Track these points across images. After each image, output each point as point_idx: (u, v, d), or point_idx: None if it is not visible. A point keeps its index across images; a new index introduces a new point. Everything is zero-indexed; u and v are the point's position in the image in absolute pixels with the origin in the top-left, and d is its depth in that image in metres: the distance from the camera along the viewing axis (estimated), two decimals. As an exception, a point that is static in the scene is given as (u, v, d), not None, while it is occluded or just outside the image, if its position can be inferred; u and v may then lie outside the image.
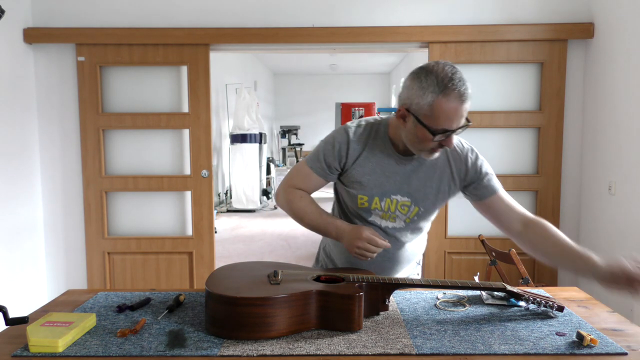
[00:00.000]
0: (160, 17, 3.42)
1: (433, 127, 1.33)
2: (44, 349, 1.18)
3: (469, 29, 3.35)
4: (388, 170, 1.49)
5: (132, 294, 1.59)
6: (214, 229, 3.59)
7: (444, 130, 1.34)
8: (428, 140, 1.36)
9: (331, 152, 1.51)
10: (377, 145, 1.50)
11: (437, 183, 1.52)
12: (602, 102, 3.22)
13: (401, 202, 1.50)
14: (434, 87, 1.31)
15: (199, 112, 3.49)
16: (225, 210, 8.25)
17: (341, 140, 1.51)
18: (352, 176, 1.51)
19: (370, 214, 1.54)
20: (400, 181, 1.50)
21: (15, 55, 3.30)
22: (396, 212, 1.52)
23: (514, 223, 1.53)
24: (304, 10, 3.42)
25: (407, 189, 1.50)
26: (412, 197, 1.51)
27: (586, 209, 3.43)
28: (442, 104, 1.31)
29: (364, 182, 1.50)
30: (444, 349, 1.19)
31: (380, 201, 1.51)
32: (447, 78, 1.31)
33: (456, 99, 1.32)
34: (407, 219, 1.54)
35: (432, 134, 1.34)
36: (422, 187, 1.51)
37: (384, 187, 1.50)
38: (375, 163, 1.49)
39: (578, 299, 1.56)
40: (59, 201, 3.56)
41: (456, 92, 1.31)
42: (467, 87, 1.34)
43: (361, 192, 1.51)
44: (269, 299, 1.25)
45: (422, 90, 1.32)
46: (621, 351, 1.18)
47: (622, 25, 3.03)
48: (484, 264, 3.40)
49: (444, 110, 1.31)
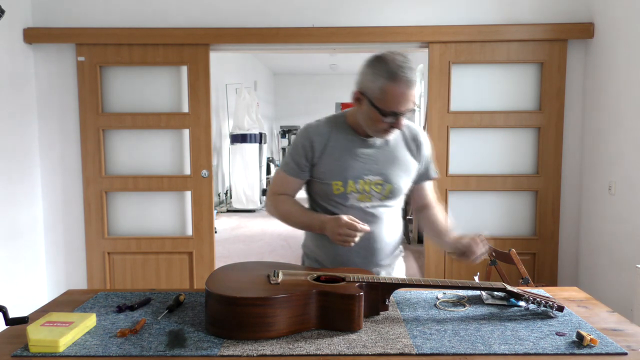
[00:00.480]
0: (160, 17, 3.42)
1: (383, 109, 1.48)
2: (44, 349, 1.19)
3: (469, 29, 3.35)
4: (355, 153, 1.60)
5: (132, 294, 1.59)
6: (214, 229, 3.59)
7: (393, 113, 1.48)
8: (379, 121, 1.50)
9: (297, 151, 1.62)
10: (340, 133, 1.62)
11: (402, 159, 1.65)
12: (602, 102, 3.22)
13: (374, 181, 1.60)
14: (385, 73, 1.45)
15: (199, 112, 3.49)
16: (225, 210, 8.25)
17: (303, 137, 1.62)
18: (323, 166, 1.60)
19: (347, 198, 1.60)
20: (369, 161, 1.60)
21: (15, 55, 3.30)
22: (371, 191, 1.60)
23: (417, 205, 1.78)
24: (304, 10, 3.42)
25: (377, 168, 1.61)
26: (383, 175, 1.61)
27: (586, 209, 3.43)
28: (391, 89, 1.45)
29: (335, 168, 1.59)
30: (444, 349, 1.19)
31: (355, 183, 1.59)
32: (397, 66, 1.45)
33: (404, 85, 1.45)
34: (382, 196, 1.62)
35: (382, 115, 1.48)
36: (390, 165, 1.62)
37: (355, 169, 1.59)
38: (342, 149, 1.60)
39: (578, 299, 1.56)
40: (59, 201, 3.56)
41: (404, 78, 1.45)
42: (414, 75, 1.48)
43: (335, 179, 1.59)
44: (269, 299, 1.25)
45: (374, 76, 1.47)
46: (621, 351, 1.18)
47: (622, 25, 3.03)
48: (484, 264, 3.39)
49: (393, 94, 1.45)
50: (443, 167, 3.49)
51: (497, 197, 3.56)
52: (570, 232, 3.53)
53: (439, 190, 3.52)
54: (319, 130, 1.62)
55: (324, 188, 1.61)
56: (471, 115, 3.47)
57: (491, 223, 3.57)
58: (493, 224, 3.57)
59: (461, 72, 3.48)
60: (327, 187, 1.60)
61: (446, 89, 3.45)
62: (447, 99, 3.45)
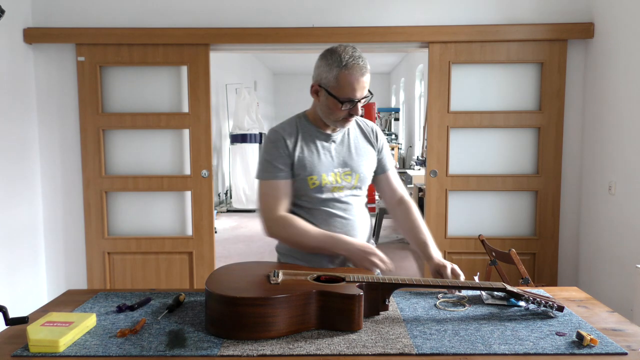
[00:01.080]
0: (160, 17, 3.42)
1: (340, 96, 1.56)
2: (44, 349, 1.19)
3: (469, 29, 3.35)
4: (322, 148, 1.68)
5: (132, 294, 1.59)
6: (214, 229, 3.59)
7: (349, 99, 1.56)
8: (337, 109, 1.58)
9: (276, 152, 1.65)
10: (306, 132, 1.69)
11: (363, 149, 1.74)
12: (602, 102, 3.22)
13: (343, 172, 1.69)
14: (338, 63, 1.55)
15: (199, 112, 3.49)
16: (225, 210, 8.25)
17: (275, 139, 1.66)
18: (297, 163, 1.65)
19: (322, 191, 1.66)
20: (336, 155, 1.69)
21: (15, 55, 3.30)
22: (342, 182, 1.68)
23: (392, 200, 1.83)
24: (304, 10, 3.42)
25: (344, 160, 1.69)
26: (350, 166, 1.70)
27: (586, 209, 3.43)
28: (345, 76, 1.54)
29: (308, 164, 1.65)
30: (444, 349, 1.19)
31: (327, 176, 1.66)
32: (348, 55, 1.55)
33: (357, 71, 1.54)
34: (352, 186, 1.70)
35: (340, 103, 1.56)
36: (354, 156, 1.71)
37: (325, 163, 1.67)
38: (311, 146, 1.67)
39: (578, 299, 1.56)
40: (59, 201, 3.56)
41: (357, 66, 1.54)
42: (365, 63, 1.57)
43: (310, 174, 1.64)
44: (269, 299, 1.25)
45: (328, 67, 1.57)
46: (621, 351, 1.18)
47: (622, 25, 3.03)
48: (484, 264, 3.40)
49: (348, 81, 1.54)
50: (443, 167, 3.49)
51: (497, 197, 3.56)
52: (570, 232, 3.53)
53: (439, 190, 3.54)
54: (287, 130, 1.68)
55: (299, 184, 1.66)
56: (471, 115, 3.47)
57: (491, 223, 3.57)
58: (493, 224, 3.57)
59: (461, 72, 3.48)
60: (303, 182, 1.65)
61: (446, 89, 3.45)
62: (447, 99, 3.45)
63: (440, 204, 3.52)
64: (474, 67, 3.48)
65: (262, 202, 1.67)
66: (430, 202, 3.53)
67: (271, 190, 1.65)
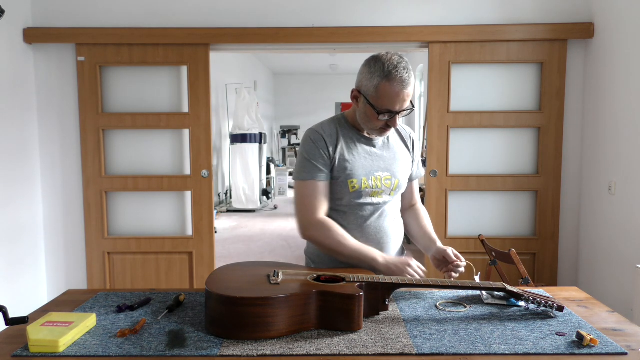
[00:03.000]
0: (160, 17, 3.42)
1: (378, 107, 1.53)
2: (44, 349, 1.19)
3: (469, 29, 3.35)
4: (364, 151, 1.66)
5: (132, 294, 1.59)
6: (214, 229, 3.59)
7: (387, 111, 1.53)
8: (375, 119, 1.55)
9: (316, 152, 1.62)
10: (346, 133, 1.66)
11: (402, 156, 1.73)
12: (602, 102, 3.22)
13: (384, 176, 1.66)
14: (380, 73, 1.50)
15: (199, 112, 3.49)
16: (225, 210, 8.25)
17: (316, 138, 1.63)
18: (338, 165, 1.62)
19: (361, 195, 1.64)
20: (377, 159, 1.67)
21: (15, 55, 3.30)
22: (382, 187, 1.66)
23: (407, 204, 1.85)
24: (304, 10, 3.42)
25: (384, 165, 1.67)
26: (390, 171, 1.68)
27: (586, 209, 3.43)
28: (386, 88, 1.50)
29: (349, 166, 1.62)
30: (444, 349, 1.19)
31: (367, 180, 1.63)
32: (392, 66, 1.50)
33: (398, 84, 1.49)
34: (392, 191, 1.69)
35: (377, 113, 1.53)
36: (394, 161, 1.69)
37: (366, 167, 1.64)
38: (352, 148, 1.64)
39: (578, 299, 1.56)
40: (59, 201, 3.56)
41: (398, 78, 1.49)
42: (410, 76, 1.51)
43: (350, 177, 1.62)
44: (269, 299, 1.25)
45: (370, 75, 1.53)
46: (621, 351, 1.18)
47: (622, 25, 3.03)
48: (484, 264, 3.40)
49: (387, 93, 1.50)
50: (443, 167, 3.49)
51: (497, 197, 3.56)
52: (570, 232, 3.53)
53: (439, 190, 3.54)
54: (327, 130, 1.64)
55: (338, 187, 1.63)
56: (471, 115, 3.47)
57: (491, 223, 3.57)
58: (493, 224, 3.57)
59: (461, 72, 3.48)
60: (342, 185, 1.62)
61: (446, 89, 3.45)
62: (447, 99, 3.45)
63: (440, 204, 3.52)
64: (474, 67, 3.48)
65: (301, 203, 1.62)
66: (430, 202, 3.53)
67: (311, 191, 1.60)
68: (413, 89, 1.52)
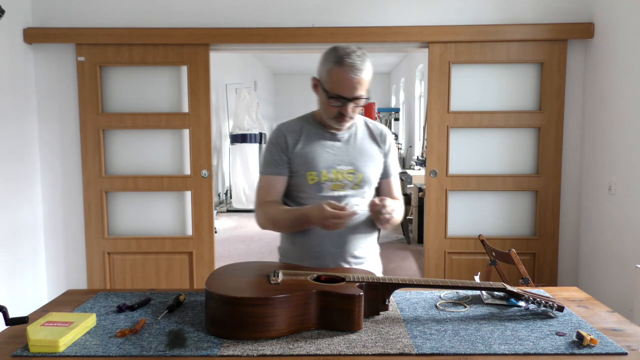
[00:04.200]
0: (160, 17, 3.42)
1: (330, 91, 1.57)
2: (44, 349, 1.19)
3: (469, 29, 3.35)
4: (326, 146, 1.69)
5: (132, 294, 1.59)
6: (214, 229, 3.59)
7: (338, 96, 1.56)
8: (327, 104, 1.59)
9: (273, 148, 1.69)
10: (310, 129, 1.71)
11: (369, 151, 1.73)
12: (602, 102, 3.22)
13: (346, 170, 1.67)
14: (333, 59, 1.56)
15: (199, 112, 3.49)
16: (225, 210, 8.25)
17: (277, 135, 1.71)
18: (297, 158, 1.67)
19: (322, 188, 1.65)
20: (340, 153, 1.69)
21: (15, 55, 3.30)
22: (344, 180, 1.67)
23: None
24: (304, 10, 3.42)
25: (348, 159, 1.68)
26: (353, 165, 1.68)
27: (586, 209, 3.43)
28: (337, 72, 1.55)
29: (309, 160, 1.66)
30: (444, 349, 1.19)
31: (328, 173, 1.66)
32: (346, 53, 1.55)
33: (349, 69, 1.53)
34: (355, 185, 1.68)
35: (328, 98, 1.57)
36: (359, 156, 1.70)
37: (328, 160, 1.67)
38: (313, 142, 1.68)
39: (578, 299, 1.56)
40: (59, 201, 3.56)
41: (349, 63, 1.53)
42: (363, 64, 1.55)
43: (309, 170, 1.65)
44: (269, 299, 1.25)
45: (325, 61, 1.59)
46: (621, 351, 1.18)
47: (622, 25, 3.03)
48: (484, 264, 3.40)
49: (338, 78, 1.55)
50: (443, 167, 3.49)
51: (497, 197, 3.56)
52: (570, 232, 3.53)
53: (439, 190, 3.53)
54: (291, 127, 1.71)
55: (298, 180, 1.67)
56: (471, 115, 3.47)
57: (491, 223, 3.57)
58: (493, 224, 3.57)
59: (461, 72, 3.48)
60: (302, 178, 1.66)
61: (446, 89, 3.45)
62: (447, 99, 3.45)
63: (440, 204, 3.52)
64: (474, 67, 3.48)
65: (256, 196, 1.74)
66: (430, 202, 3.53)
67: (264, 184, 1.71)
68: (367, 79, 1.55)
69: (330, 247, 1.64)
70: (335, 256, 1.64)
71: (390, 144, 1.78)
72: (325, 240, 1.64)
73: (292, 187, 1.70)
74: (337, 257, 1.65)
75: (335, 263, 1.64)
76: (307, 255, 1.66)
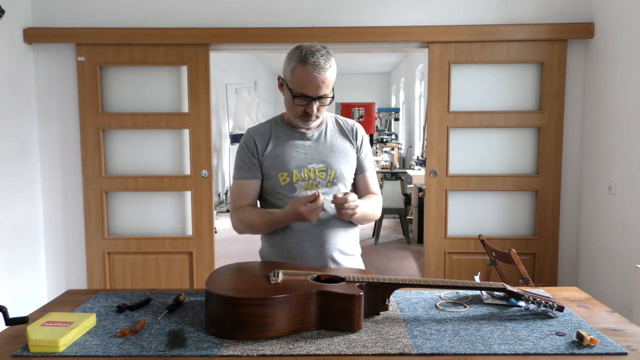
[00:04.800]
0: (160, 17, 3.42)
1: (294, 90, 1.57)
2: (44, 349, 1.19)
3: (469, 29, 3.35)
4: (296, 145, 1.68)
5: (132, 294, 1.59)
6: (214, 229, 3.59)
7: (302, 95, 1.56)
8: (292, 103, 1.59)
9: (243, 153, 1.70)
10: (280, 130, 1.71)
11: (341, 147, 1.72)
12: (602, 102, 3.22)
13: (318, 168, 1.67)
14: (297, 57, 1.55)
15: (199, 112, 3.49)
16: (225, 210, 8.25)
17: (246, 139, 1.71)
18: (268, 161, 1.67)
19: (295, 188, 1.65)
20: (311, 152, 1.68)
21: (15, 55, 3.30)
22: (316, 178, 1.67)
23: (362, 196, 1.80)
24: (304, 10, 3.42)
25: (319, 157, 1.68)
26: (325, 163, 1.68)
27: (586, 209, 3.43)
28: (301, 71, 1.54)
29: (279, 161, 1.66)
30: (444, 349, 1.19)
31: (299, 172, 1.65)
32: (310, 52, 1.54)
33: (312, 68, 1.53)
34: (328, 182, 1.68)
35: (293, 97, 1.57)
36: (330, 153, 1.69)
37: (298, 160, 1.66)
38: (283, 144, 1.68)
39: (578, 299, 1.56)
40: (59, 201, 3.56)
41: (313, 62, 1.53)
42: (327, 63, 1.54)
43: (280, 171, 1.65)
44: (269, 299, 1.25)
45: (289, 60, 1.59)
46: (621, 351, 1.18)
47: (622, 25, 3.03)
48: (484, 264, 3.40)
49: (302, 76, 1.54)
50: (443, 167, 3.49)
51: (497, 197, 3.56)
52: (570, 232, 3.53)
53: (439, 190, 3.54)
54: (260, 130, 1.72)
55: (271, 182, 1.67)
56: (471, 115, 3.47)
57: (491, 223, 3.57)
58: (493, 224, 3.57)
59: (461, 72, 3.48)
60: (274, 180, 1.66)
61: (446, 89, 3.45)
62: (447, 99, 3.45)
63: (440, 204, 3.52)
64: (474, 67, 3.48)
65: (230, 201, 1.74)
66: (430, 202, 3.53)
67: (237, 189, 1.71)
68: (331, 78, 1.55)
69: (310, 247, 1.63)
70: (316, 257, 1.63)
71: (363, 138, 1.77)
72: (305, 242, 1.63)
73: (266, 190, 1.70)
74: (318, 257, 1.63)
75: (316, 264, 1.63)
76: (287, 257, 1.65)
